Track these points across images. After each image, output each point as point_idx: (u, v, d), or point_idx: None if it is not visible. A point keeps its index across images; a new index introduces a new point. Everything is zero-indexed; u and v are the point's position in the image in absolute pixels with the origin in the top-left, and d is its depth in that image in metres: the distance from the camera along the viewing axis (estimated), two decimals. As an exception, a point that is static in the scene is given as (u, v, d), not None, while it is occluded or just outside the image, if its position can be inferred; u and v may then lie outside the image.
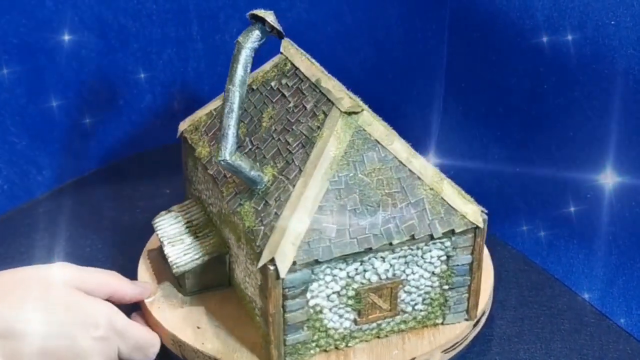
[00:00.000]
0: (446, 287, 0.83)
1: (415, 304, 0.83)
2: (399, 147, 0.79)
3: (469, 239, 0.81)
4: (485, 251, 0.94)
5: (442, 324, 0.85)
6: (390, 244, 0.77)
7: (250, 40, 0.77)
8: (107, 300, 0.81)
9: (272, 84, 0.87)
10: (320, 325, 0.80)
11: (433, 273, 0.81)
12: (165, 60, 1.15)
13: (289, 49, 0.89)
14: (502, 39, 1.03)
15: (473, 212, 0.80)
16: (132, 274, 0.92)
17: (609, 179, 0.94)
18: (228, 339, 0.83)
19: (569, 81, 0.96)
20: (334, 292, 0.79)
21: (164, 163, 1.17)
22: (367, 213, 0.77)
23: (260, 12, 0.77)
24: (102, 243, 1.02)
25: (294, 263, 0.74)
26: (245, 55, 0.76)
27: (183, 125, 0.93)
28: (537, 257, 1.00)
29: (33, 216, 1.07)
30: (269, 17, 0.77)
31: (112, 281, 0.82)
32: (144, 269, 0.92)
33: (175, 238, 0.90)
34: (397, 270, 0.80)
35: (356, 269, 0.78)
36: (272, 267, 0.74)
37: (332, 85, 0.81)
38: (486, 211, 0.81)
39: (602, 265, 0.96)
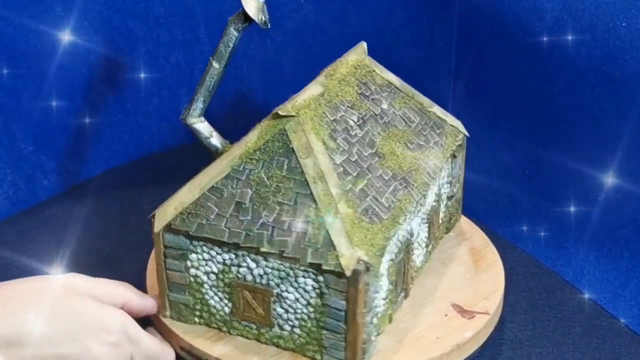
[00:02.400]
0: (321, 324, 0.78)
1: (293, 327, 0.80)
2: (311, 165, 0.77)
3: (340, 283, 0.75)
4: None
5: None
6: (258, 249, 0.77)
7: (235, 22, 0.82)
8: None
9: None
10: (202, 298, 0.82)
11: (309, 303, 0.78)
12: (172, 63, 1.15)
13: (358, 51, 0.90)
14: (511, 40, 1.02)
15: (348, 257, 0.74)
16: (140, 278, 0.92)
17: (619, 181, 0.94)
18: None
19: (578, 83, 0.95)
20: (212, 272, 0.81)
21: (171, 166, 1.16)
22: (250, 211, 0.77)
23: None
24: (109, 246, 1.02)
25: (170, 225, 0.80)
26: (228, 33, 0.82)
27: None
28: (548, 260, 1.00)
29: (40, 220, 1.06)
30: (249, 4, 0.79)
31: (122, 292, 0.81)
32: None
33: None
34: (271, 281, 0.79)
35: (231, 260, 0.79)
36: (153, 220, 0.81)
37: (310, 88, 0.81)
38: (367, 263, 0.74)
39: (613, 268, 0.95)
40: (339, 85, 0.85)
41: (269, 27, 0.81)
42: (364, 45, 0.91)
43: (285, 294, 0.79)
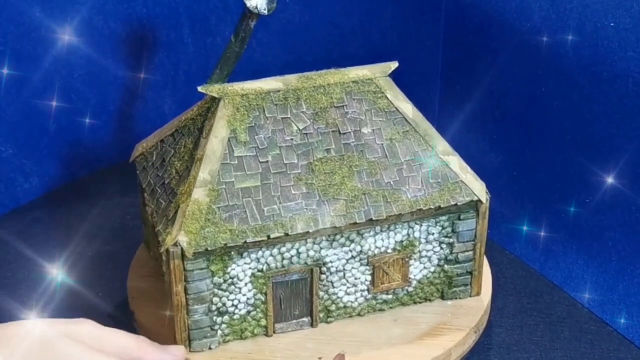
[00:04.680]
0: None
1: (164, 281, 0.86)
2: (202, 146, 0.79)
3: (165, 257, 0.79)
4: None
5: None
6: (150, 203, 0.84)
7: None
8: None
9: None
10: (150, 233, 0.89)
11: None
12: (156, 64, 1.14)
13: (375, 69, 0.85)
14: (498, 41, 1.02)
15: (173, 237, 0.76)
16: (122, 282, 0.92)
17: (608, 183, 0.93)
18: None
19: (567, 84, 0.95)
20: (149, 214, 0.86)
21: (155, 168, 1.15)
22: (163, 170, 0.84)
23: None
24: (92, 251, 1.01)
25: (135, 159, 0.89)
26: (242, 15, 0.82)
27: None
28: (536, 263, 0.99)
29: (21, 224, 1.05)
30: None
31: (135, 346, 0.73)
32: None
33: None
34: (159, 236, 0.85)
35: (151, 207, 0.86)
36: None
37: (266, 81, 0.82)
38: (183, 249, 0.76)
39: (602, 271, 0.95)
40: (310, 90, 0.82)
41: (264, 13, 0.81)
42: (390, 65, 0.84)
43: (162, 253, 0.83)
